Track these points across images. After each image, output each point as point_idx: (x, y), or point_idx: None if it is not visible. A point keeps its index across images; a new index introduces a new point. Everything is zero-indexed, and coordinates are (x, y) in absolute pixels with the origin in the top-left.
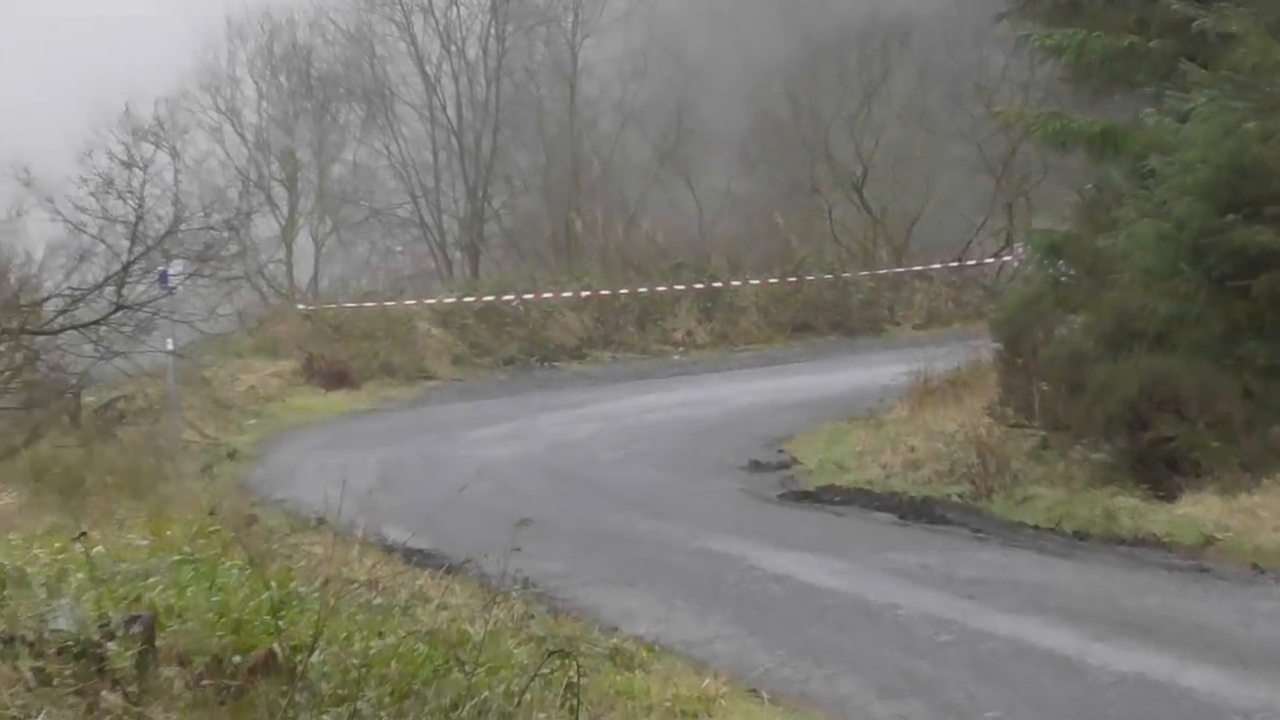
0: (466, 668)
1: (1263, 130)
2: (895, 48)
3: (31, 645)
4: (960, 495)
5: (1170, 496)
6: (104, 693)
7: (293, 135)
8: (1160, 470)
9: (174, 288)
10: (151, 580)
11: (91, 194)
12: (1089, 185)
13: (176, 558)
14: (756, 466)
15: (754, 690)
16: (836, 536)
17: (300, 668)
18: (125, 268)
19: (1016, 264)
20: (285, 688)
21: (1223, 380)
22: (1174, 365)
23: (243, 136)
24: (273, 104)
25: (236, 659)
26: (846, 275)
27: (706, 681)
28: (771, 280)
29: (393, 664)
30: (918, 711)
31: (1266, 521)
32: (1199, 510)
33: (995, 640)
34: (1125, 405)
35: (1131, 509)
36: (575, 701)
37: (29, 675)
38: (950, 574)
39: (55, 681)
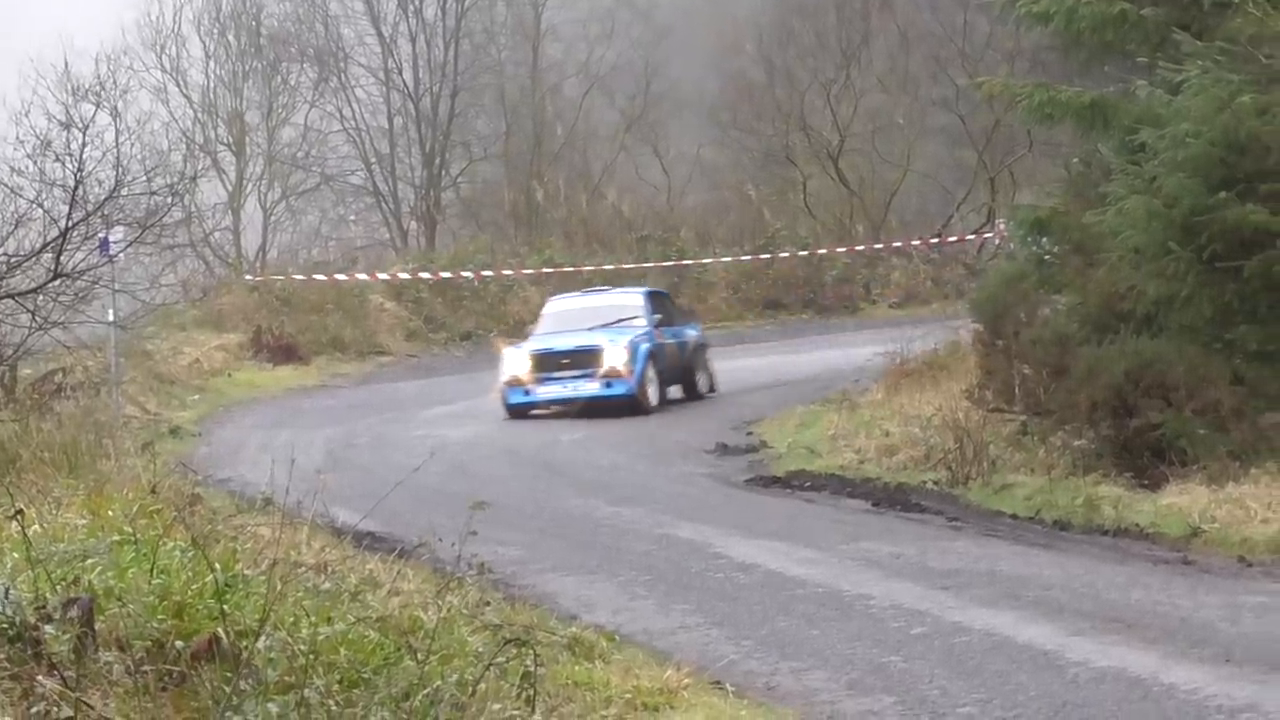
0: (419, 656)
1: (1259, 104)
2: (876, 9)
3: None
4: (936, 482)
5: (1155, 486)
6: (40, 678)
7: (241, 97)
8: (1145, 459)
9: (115, 256)
10: (90, 561)
11: (28, 156)
12: (1076, 159)
13: (116, 538)
14: (724, 450)
15: (718, 683)
16: (806, 524)
17: (245, 654)
18: (64, 234)
19: (999, 241)
20: (229, 674)
21: (1212, 365)
22: (1162, 349)
23: (188, 97)
24: (220, 63)
25: (179, 644)
26: (821, 251)
27: (669, 673)
28: (742, 255)
29: (341, 651)
30: (888, 707)
31: (1255, 513)
32: (1185, 500)
33: (970, 634)
34: (1110, 390)
35: (1115, 498)
36: (532, 692)
37: None
38: (925, 564)
39: None
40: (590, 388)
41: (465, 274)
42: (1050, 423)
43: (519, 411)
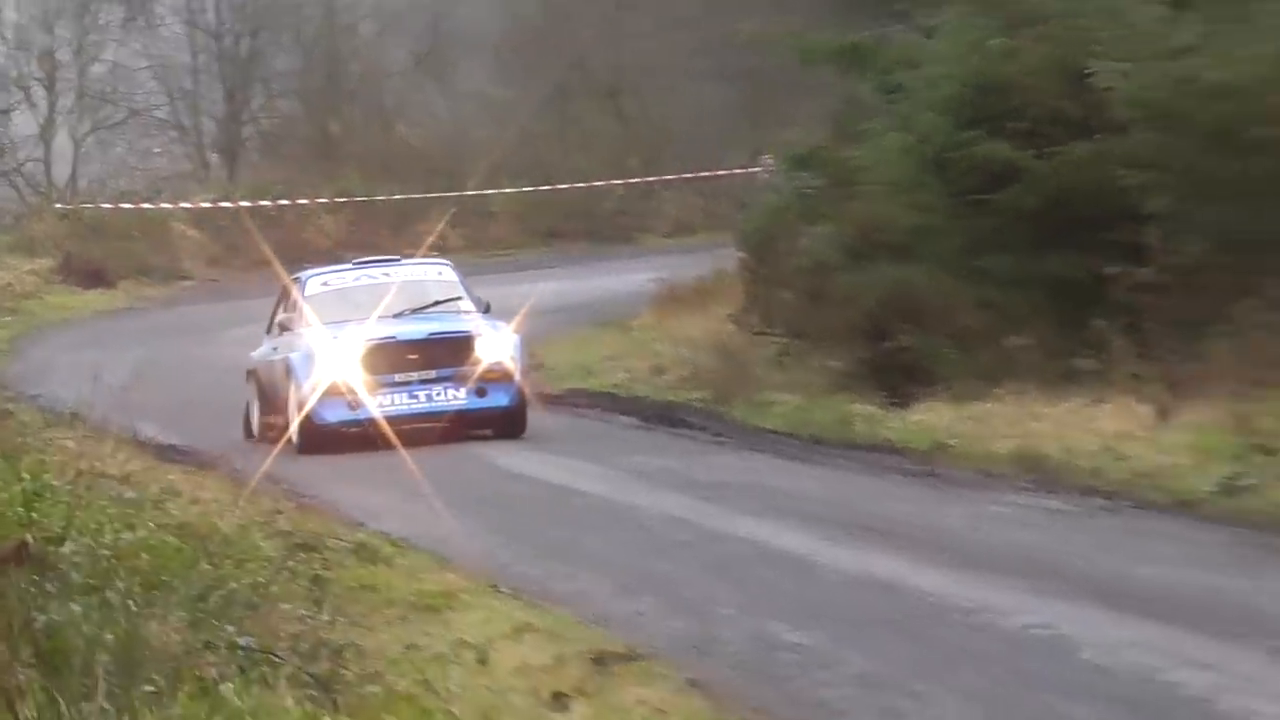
0: (215, 560)
1: (1006, 47)
2: None
3: None
4: (702, 400)
5: (905, 404)
6: None
7: (52, 34)
8: (897, 379)
9: None
10: None
11: None
12: (838, 100)
13: None
14: None
15: (495, 586)
16: (581, 439)
17: (51, 558)
18: None
19: (766, 176)
20: (37, 577)
21: (962, 292)
22: (914, 276)
23: (1, 35)
24: (32, 1)
25: None
26: (599, 184)
27: (449, 577)
28: (525, 188)
29: (143, 556)
30: (653, 608)
31: (997, 429)
32: (932, 417)
33: (732, 541)
34: (865, 315)
35: (868, 416)
36: (320, 594)
37: None
38: (691, 477)
39: None
40: (454, 397)
41: (264, 203)
42: (809, 345)
43: (331, 435)
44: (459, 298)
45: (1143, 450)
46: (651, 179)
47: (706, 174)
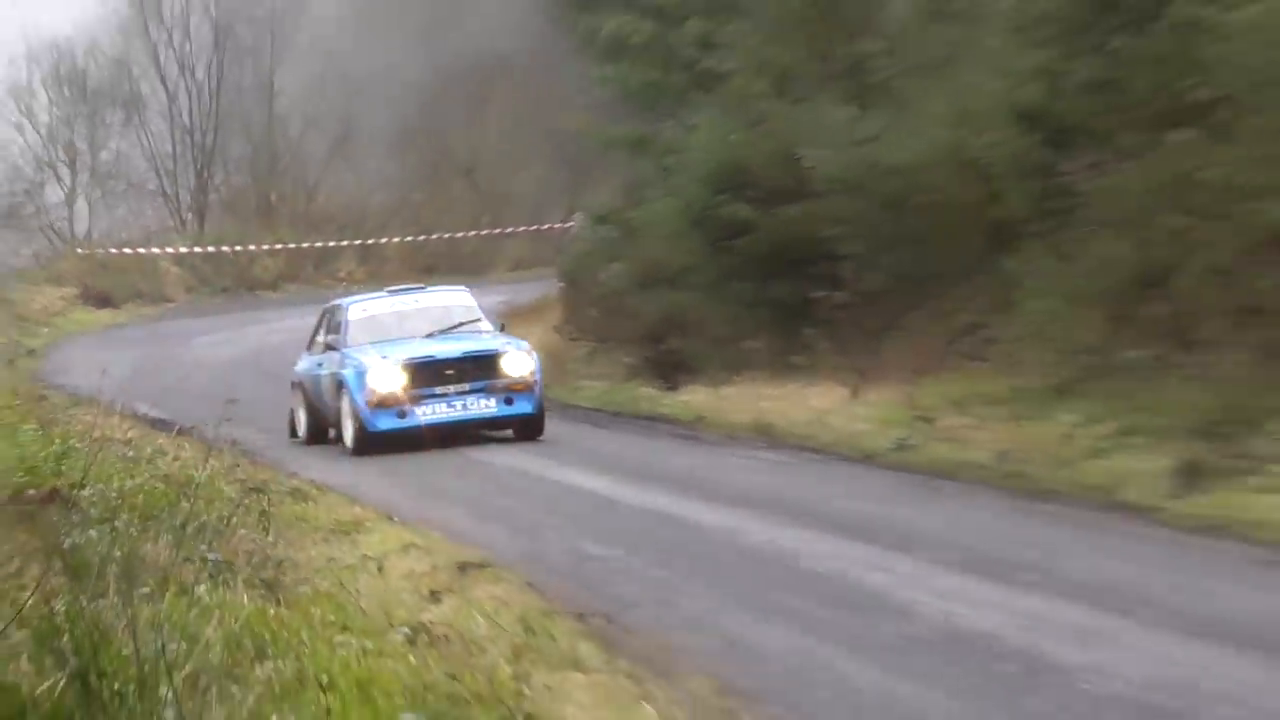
0: (191, 500)
1: (744, 139)
2: (499, 73)
3: None
4: None
5: (675, 388)
6: None
7: (73, 130)
8: (669, 370)
9: None
10: None
11: None
12: (628, 175)
13: None
14: None
15: (390, 516)
16: None
17: (75, 499)
18: None
19: (577, 229)
20: (65, 512)
21: (714, 310)
22: (682, 299)
23: (38, 131)
24: (59, 107)
25: (31, 492)
26: (460, 234)
27: (357, 510)
28: (408, 237)
29: (140, 497)
30: (500, 530)
31: (738, 405)
32: (694, 397)
33: (555, 485)
34: (648, 326)
35: (650, 396)
36: (266, 523)
37: None
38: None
39: None
40: (486, 406)
41: (224, 249)
42: (609, 347)
43: (382, 440)
44: (478, 319)
45: (840, 420)
46: (497, 230)
47: (536, 227)
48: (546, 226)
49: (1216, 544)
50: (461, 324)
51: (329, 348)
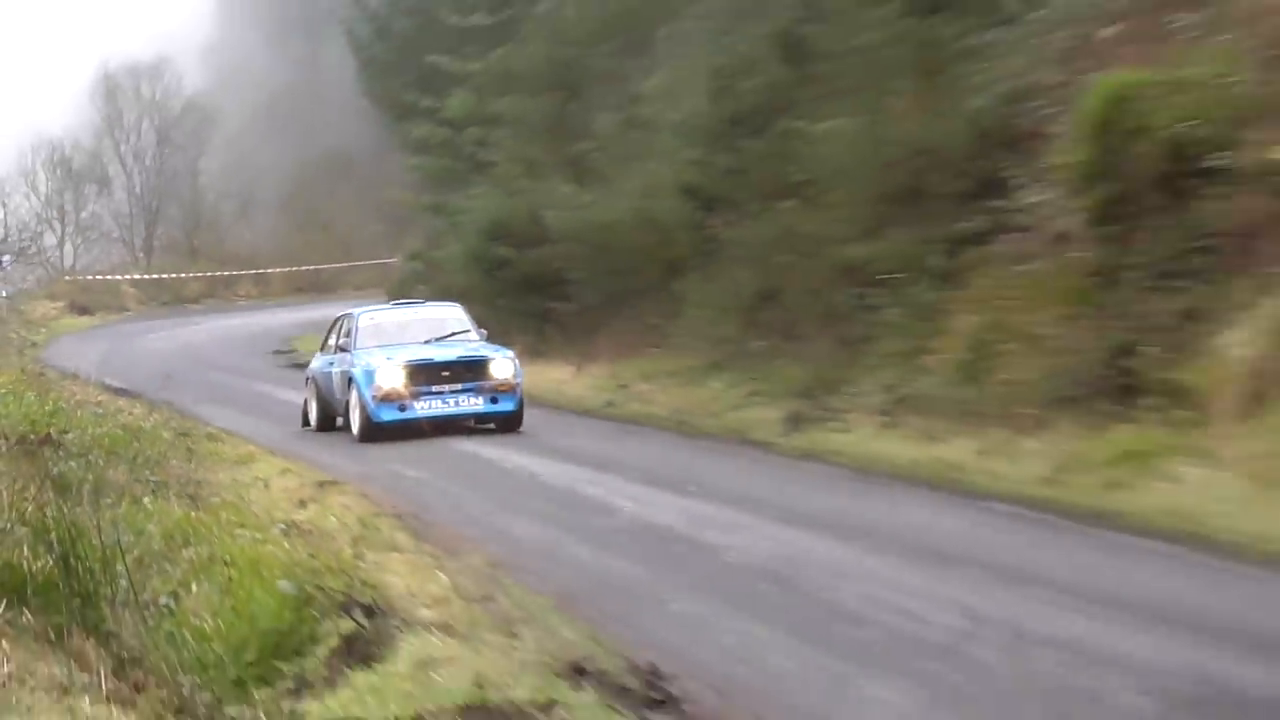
0: (140, 441)
1: (507, 205)
2: (348, 162)
3: None
4: None
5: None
6: None
7: (63, 197)
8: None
9: (6, 267)
10: None
11: None
12: (432, 228)
13: (3, 391)
14: (277, 351)
15: (273, 452)
16: None
17: (62, 441)
18: None
19: (399, 262)
20: (55, 450)
21: (489, 316)
22: (476, 312)
23: (39, 198)
24: (53, 183)
25: (33, 437)
26: (323, 266)
27: (251, 448)
28: (288, 268)
29: (106, 440)
30: (344, 460)
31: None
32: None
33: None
34: None
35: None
36: (191, 456)
37: None
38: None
39: None
40: (475, 403)
41: (164, 276)
42: None
43: (383, 431)
44: (468, 330)
45: (570, 389)
46: (346, 264)
47: (375, 261)
48: (381, 260)
49: (811, 466)
50: (454, 333)
51: (340, 349)
